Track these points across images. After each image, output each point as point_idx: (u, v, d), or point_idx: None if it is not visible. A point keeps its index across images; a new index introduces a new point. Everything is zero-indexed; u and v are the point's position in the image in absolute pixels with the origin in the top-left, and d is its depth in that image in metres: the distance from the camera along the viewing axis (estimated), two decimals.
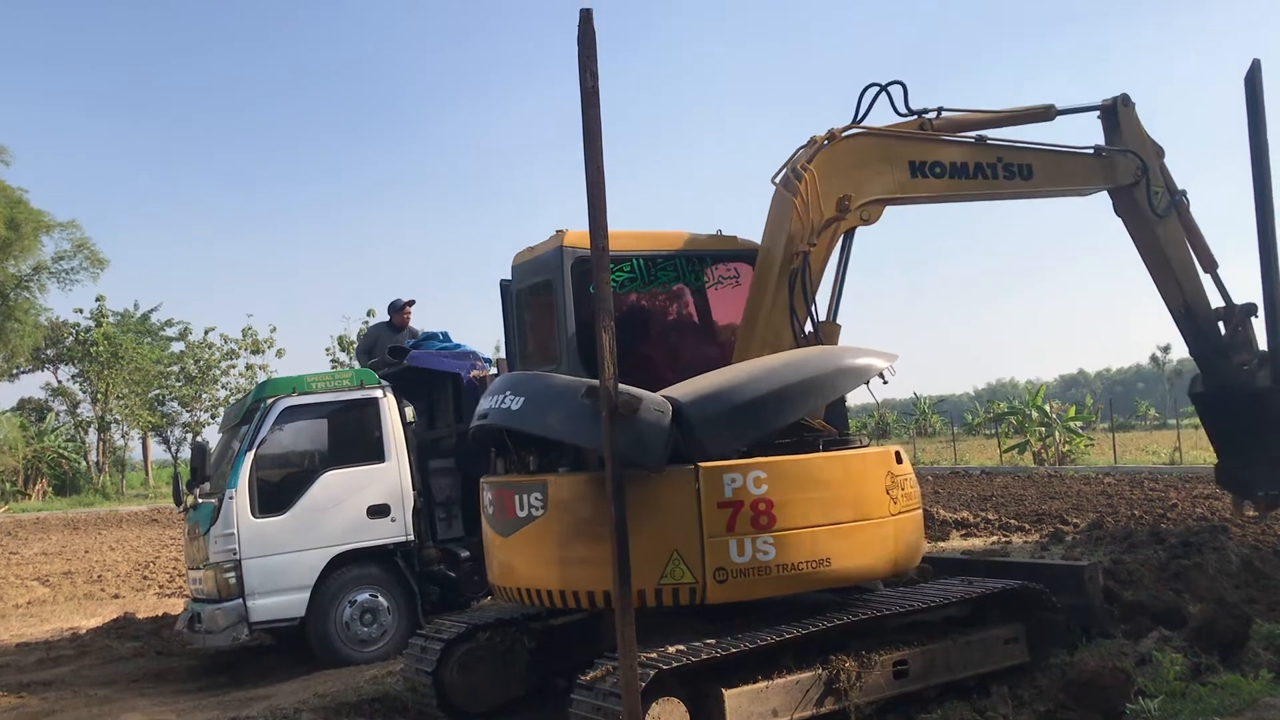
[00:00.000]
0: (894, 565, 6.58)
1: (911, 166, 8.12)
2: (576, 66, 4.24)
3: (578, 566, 6.27)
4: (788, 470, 6.14)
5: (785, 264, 7.28)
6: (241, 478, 9.43)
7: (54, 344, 52.87)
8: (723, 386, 6.20)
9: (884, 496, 6.41)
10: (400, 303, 11.82)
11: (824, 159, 7.62)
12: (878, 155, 7.97)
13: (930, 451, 48.17)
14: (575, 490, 6.36)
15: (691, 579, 5.94)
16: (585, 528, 6.23)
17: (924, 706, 6.27)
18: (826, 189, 7.51)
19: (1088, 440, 36.62)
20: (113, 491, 50.74)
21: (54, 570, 19.19)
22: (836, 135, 7.77)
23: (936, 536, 15.74)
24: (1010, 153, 8.75)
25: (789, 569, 6.02)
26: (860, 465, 6.43)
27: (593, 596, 6.20)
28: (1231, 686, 5.94)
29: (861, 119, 8.14)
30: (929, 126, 8.45)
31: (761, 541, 5.96)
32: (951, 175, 8.34)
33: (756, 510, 5.96)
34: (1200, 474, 24.30)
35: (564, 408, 6.17)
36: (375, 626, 9.66)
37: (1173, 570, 9.65)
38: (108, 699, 8.93)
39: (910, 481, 6.74)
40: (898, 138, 8.18)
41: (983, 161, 8.54)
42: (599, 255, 4.26)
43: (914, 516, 6.76)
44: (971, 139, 8.62)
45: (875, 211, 7.88)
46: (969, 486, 25.60)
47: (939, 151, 8.32)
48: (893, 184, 7.99)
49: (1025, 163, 8.79)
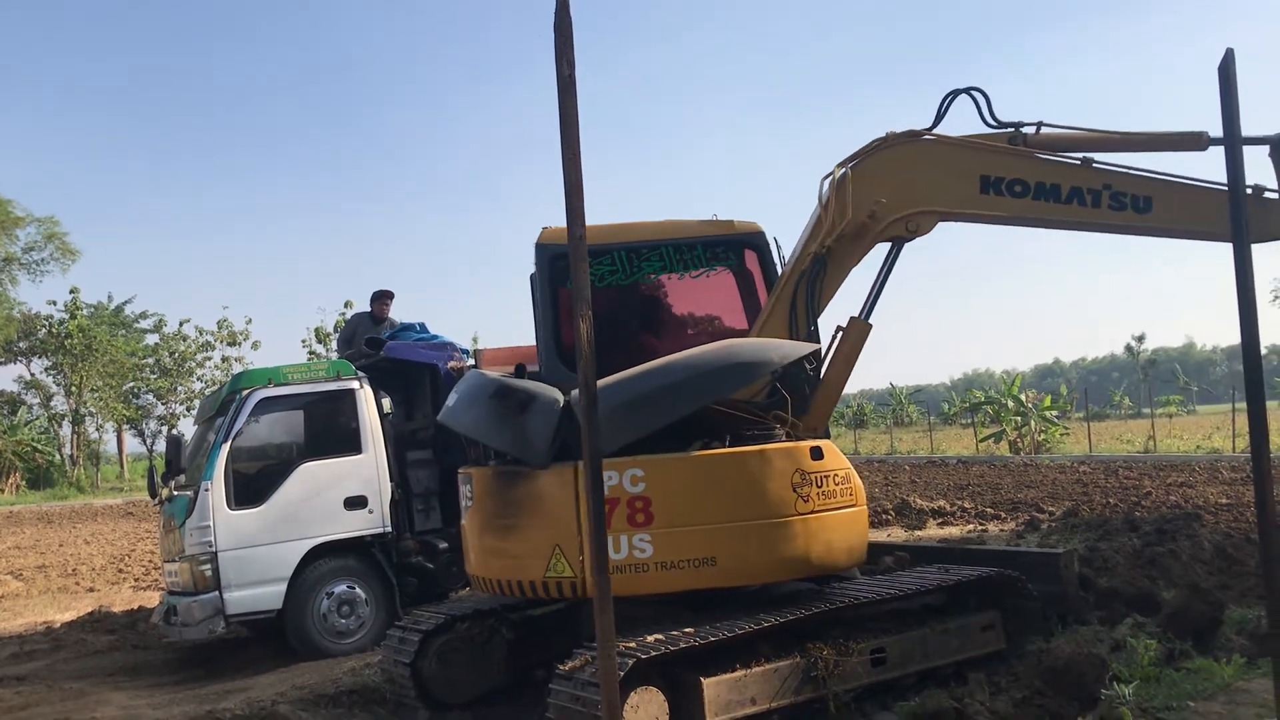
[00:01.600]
0: (806, 565, 6.32)
1: (984, 181, 7.23)
2: None
3: (490, 556, 6.61)
4: (667, 468, 6.10)
5: (799, 263, 7.19)
6: (217, 470, 9.37)
7: (27, 336, 52.31)
8: (615, 382, 6.12)
9: (789, 495, 6.18)
10: (380, 293, 11.74)
11: (872, 162, 7.19)
12: (940, 164, 7.26)
13: (907, 441, 48.43)
14: (486, 484, 6.66)
15: (572, 573, 6.06)
16: (494, 520, 6.55)
17: (901, 694, 6.30)
18: (863, 193, 7.06)
19: (1063, 429, 36.96)
20: (87, 485, 50.30)
21: (28, 564, 19.03)
22: (892, 138, 7.24)
23: (913, 525, 15.83)
24: (1125, 180, 7.27)
25: (668, 566, 6.00)
26: (758, 462, 6.20)
27: (502, 584, 6.50)
28: (1205, 671, 6.01)
29: (935, 125, 7.34)
30: (1022, 141, 7.38)
31: (638, 539, 5.98)
32: (1035, 196, 7.24)
33: (633, 508, 5.98)
34: (1174, 462, 24.54)
35: (476, 406, 6.58)
36: (353, 618, 9.62)
37: (1147, 557, 9.75)
38: (83, 693, 8.86)
39: (837, 479, 6.44)
40: (971, 148, 7.33)
41: (1083, 186, 7.24)
42: (576, 244, 4.23)
43: (839, 515, 6.42)
44: (1076, 160, 7.33)
45: (925, 223, 7.26)
46: (945, 476, 25.74)
47: (1024, 169, 7.25)
48: (953, 197, 7.26)
49: (1143, 194, 7.27)
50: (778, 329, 7.08)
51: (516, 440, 6.26)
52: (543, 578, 6.18)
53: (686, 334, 7.78)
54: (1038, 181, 7.25)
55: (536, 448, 6.14)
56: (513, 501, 6.42)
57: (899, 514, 16.84)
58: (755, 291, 7.69)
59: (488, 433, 6.57)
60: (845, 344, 7.21)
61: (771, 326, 7.09)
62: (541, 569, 6.17)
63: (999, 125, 7.41)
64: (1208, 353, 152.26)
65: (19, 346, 52.47)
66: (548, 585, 6.19)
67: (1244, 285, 4.78)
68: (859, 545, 6.65)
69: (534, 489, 6.27)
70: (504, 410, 6.35)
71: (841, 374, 7.21)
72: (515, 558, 6.38)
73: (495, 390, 6.47)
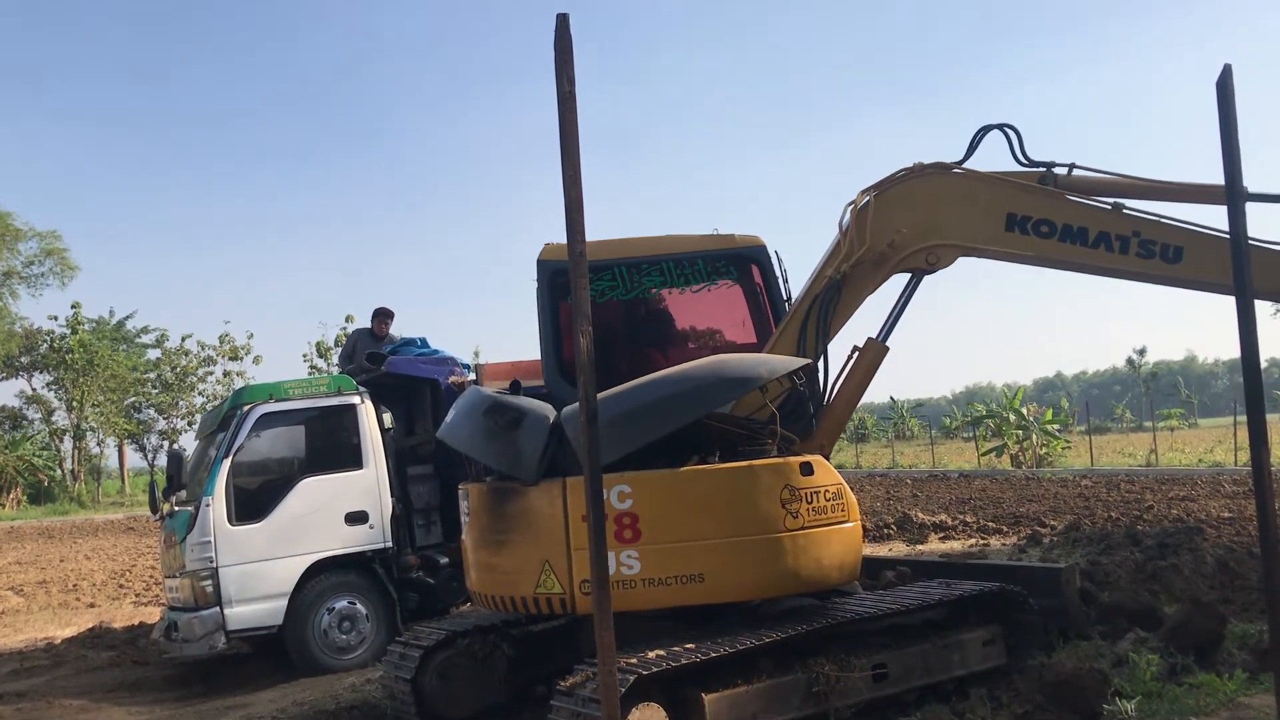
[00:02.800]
0: (796, 581, 6.25)
1: (1010, 219, 7.13)
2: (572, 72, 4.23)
3: (486, 572, 6.62)
4: (654, 484, 6.07)
5: (814, 286, 7.19)
6: (218, 485, 9.37)
7: (28, 351, 52.34)
8: (605, 397, 6.00)
9: (778, 511, 6.11)
10: (380, 311, 11.74)
11: (898, 191, 7.16)
12: (965, 198, 7.21)
13: (909, 455, 48.37)
14: (481, 500, 6.69)
15: (561, 589, 6.07)
16: (488, 535, 6.58)
17: (903, 709, 6.29)
18: (884, 223, 7.04)
19: (1065, 443, 36.89)
20: (88, 500, 50.25)
21: (28, 579, 19.00)
22: (919, 169, 7.19)
23: (915, 539, 15.81)
24: (1154, 228, 7.12)
25: (656, 583, 5.98)
26: (746, 478, 6.15)
27: (498, 600, 6.53)
28: (1207, 686, 5.99)
29: (965, 159, 7.29)
30: (1053, 181, 7.30)
31: (626, 555, 5.95)
32: (1061, 239, 7.12)
33: (620, 524, 5.95)
34: (1175, 475, 24.51)
35: (471, 422, 6.66)
36: (354, 634, 9.61)
37: (1149, 571, 9.73)
38: (83, 709, 8.84)
39: (828, 494, 6.36)
40: (999, 184, 7.25)
41: (1111, 232, 7.11)
42: (576, 260, 4.25)
43: (830, 531, 6.34)
44: (1106, 205, 7.22)
45: (947, 256, 7.22)
46: (947, 489, 25.70)
47: (1052, 209, 7.14)
48: (976, 233, 7.20)
49: (1174, 244, 7.10)
50: (787, 349, 7.10)
51: (507, 456, 6.33)
52: (533, 594, 6.20)
53: (688, 348, 7.80)
54: (1065, 223, 7.14)
55: (526, 464, 6.19)
56: (505, 517, 6.45)
57: (900, 528, 16.82)
58: (758, 305, 7.71)
59: (481, 449, 6.63)
60: (861, 364, 7.22)
61: (782, 347, 7.13)
62: (532, 585, 6.18)
63: (1030, 164, 7.33)
64: (1209, 366, 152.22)
65: (20, 361, 52.50)
66: (538, 601, 6.20)
67: (1243, 298, 4.79)
68: (851, 561, 6.57)
69: (524, 505, 6.29)
70: (496, 426, 6.42)
71: (855, 394, 7.21)
72: (508, 573, 6.40)
73: (488, 407, 6.54)
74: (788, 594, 6.49)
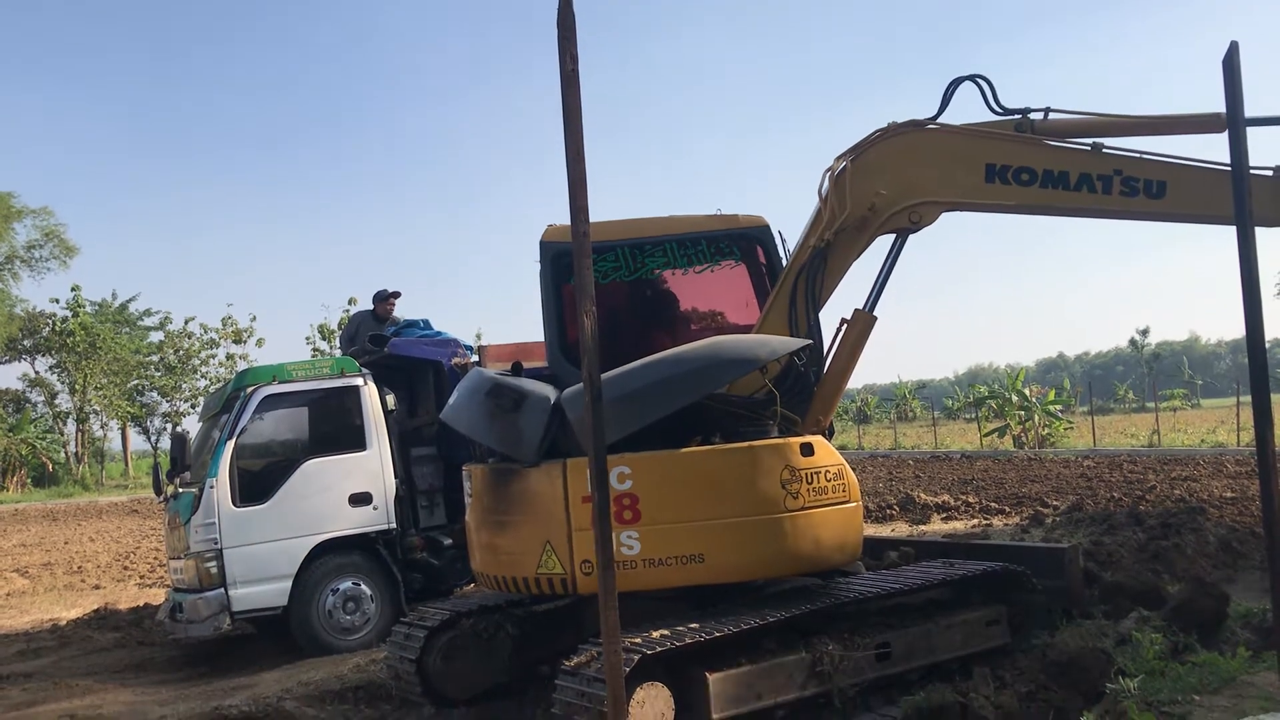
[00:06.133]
0: (796, 562, 6.25)
1: (989, 170, 7.04)
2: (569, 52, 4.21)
3: (489, 552, 6.67)
4: (653, 465, 6.07)
5: (798, 257, 7.12)
6: (222, 467, 9.39)
7: (30, 334, 52.39)
8: (605, 379, 6.12)
9: (778, 491, 6.11)
10: (385, 293, 11.69)
11: (873, 153, 7.03)
12: (942, 153, 7.09)
13: (911, 436, 48.41)
14: (483, 481, 6.73)
15: (562, 570, 6.09)
16: (490, 516, 6.62)
17: (907, 688, 6.29)
18: (863, 186, 6.93)
19: (1067, 423, 36.90)
20: (92, 482, 50.39)
21: (33, 562, 19.07)
22: (893, 128, 7.07)
23: (917, 520, 15.84)
24: (1135, 165, 7.05)
25: (656, 564, 5.99)
26: (746, 459, 6.14)
27: (500, 580, 6.56)
28: (1210, 665, 6.00)
29: (939, 114, 7.18)
30: (1029, 128, 7.24)
31: (625, 536, 5.96)
32: (1044, 184, 7.04)
33: (620, 505, 5.95)
34: (1178, 456, 24.52)
35: (472, 404, 6.68)
36: (358, 615, 9.64)
37: (1151, 551, 9.74)
38: (89, 690, 8.87)
39: (829, 474, 6.34)
40: (975, 136, 7.14)
41: (1092, 172, 7.03)
42: (579, 241, 4.23)
43: (831, 512, 6.32)
44: (1085, 145, 7.13)
45: (929, 214, 7.11)
46: (950, 470, 25.73)
47: (1031, 156, 7.05)
48: (958, 187, 7.10)
49: (1156, 179, 7.06)
50: (778, 324, 7.02)
51: (508, 438, 6.36)
52: (535, 574, 6.22)
53: (691, 329, 7.77)
54: (1045, 169, 7.04)
55: (527, 445, 6.21)
56: (506, 498, 6.47)
57: (903, 509, 16.84)
58: (762, 285, 7.67)
59: (482, 431, 6.65)
60: (849, 336, 7.14)
61: (772, 322, 7.04)
62: (533, 565, 6.21)
63: (1005, 112, 7.28)
64: (1212, 346, 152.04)
65: (23, 345, 52.57)
66: (539, 581, 6.23)
67: (1249, 277, 4.77)
68: (852, 541, 6.56)
69: (525, 486, 6.31)
70: (497, 408, 6.43)
71: (846, 367, 7.14)
72: (510, 554, 6.43)
73: (490, 389, 6.56)
74: (789, 574, 6.50)
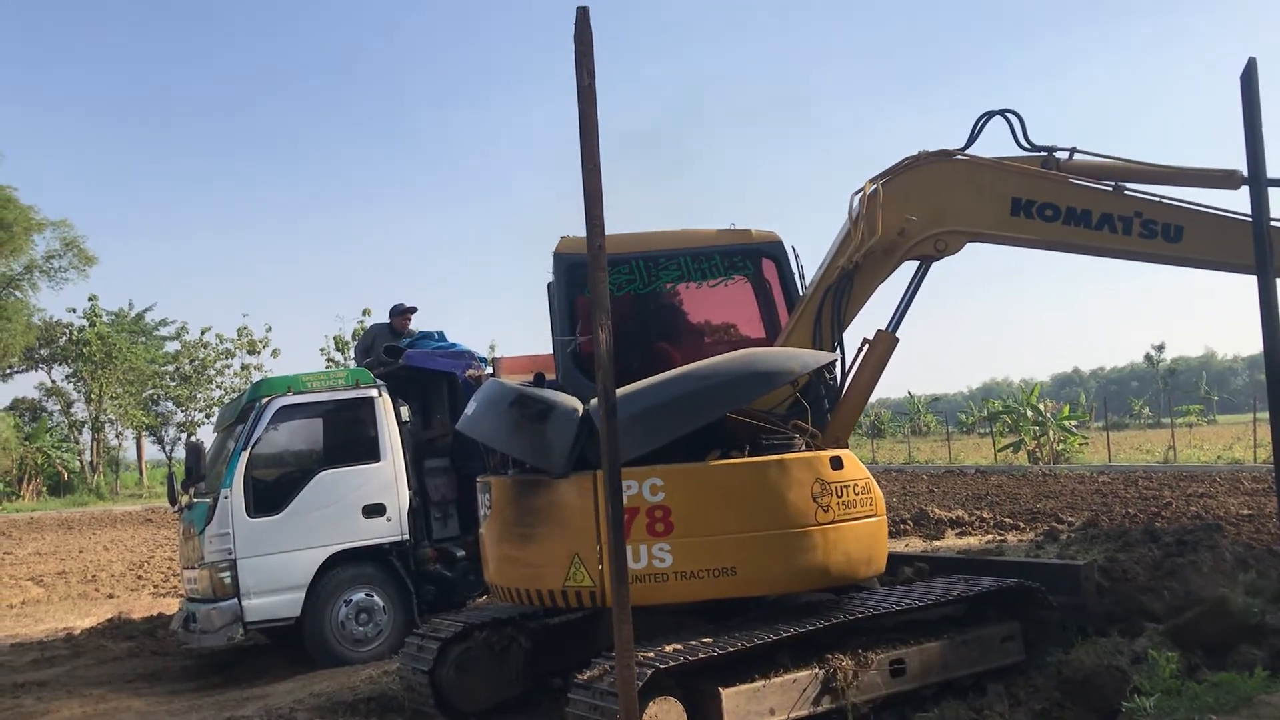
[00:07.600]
0: (826, 576, 6.28)
1: (1015, 204, 7.22)
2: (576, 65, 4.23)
3: (509, 565, 6.63)
4: (687, 477, 6.08)
5: (826, 277, 7.20)
6: (236, 477, 9.42)
7: (47, 344, 52.67)
8: (634, 391, 6.11)
9: (809, 504, 6.14)
10: (402, 307, 11.73)
11: (904, 180, 7.20)
12: (969, 184, 7.27)
13: (925, 450, 48.24)
14: (505, 492, 6.69)
15: (591, 583, 6.07)
16: (512, 528, 6.58)
17: (920, 705, 6.27)
18: (893, 211, 7.06)
19: (1082, 439, 36.70)
20: (107, 491, 50.56)
21: (48, 570, 19.14)
22: (924, 156, 7.26)
23: (931, 535, 15.77)
24: (1156, 209, 7.26)
25: (688, 576, 5.98)
26: (778, 472, 6.16)
27: (521, 593, 6.52)
28: (1227, 684, 5.95)
29: (968, 145, 7.36)
30: (1055, 165, 7.38)
31: (658, 548, 5.97)
32: (1066, 221, 7.24)
33: (653, 517, 5.96)
34: (1194, 472, 24.37)
35: (495, 415, 6.62)
36: (371, 626, 9.65)
37: (1167, 568, 9.66)
38: (102, 699, 8.90)
39: (857, 488, 6.40)
40: (1003, 170, 7.31)
41: (1114, 213, 7.25)
42: (595, 254, 4.25)
43: (859, 526, 6.39)
44: (1108, 187, 7.36)
45: (954, 242, 7.28)
46: (964, 485, 25.62)
47: (1055, 193, 7.25)
48: (983, 219, 7.28)
49: (1175, 223, 7.27)
50: (802, 342, 7.10)
51: (536, 449, 6.27)
52: (561, 587, 6.19)
53: (703, 343, 7.79)
54: (1069, 206, 7.25)
55: (556, 457, 6.13)
56: (532, 510, 6.43)
57: (917, 524, 16.77)
58: (772, 301, 7.69)
59: (507, 441, 6.59)
60: (872, 356, 7.23)
61: (796, 339, 7.11)
62: (560, 578, 6.17)
63: (1032, 148, 7.42)
64: (1228, 362, 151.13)
65: (40, 354, 52.86)
66: (566, 594, 6.20)
67: (1266, 291, 4.76)
68: (879, 556, 6.61)
69: (553, 498, 6.27)
70: (523, 419, 6.36)
71: (866, 386, 7.22)
72: (534, 566, 6.38)
73: (514, 399, 6.47)
74: (817, 588, 6.52)
